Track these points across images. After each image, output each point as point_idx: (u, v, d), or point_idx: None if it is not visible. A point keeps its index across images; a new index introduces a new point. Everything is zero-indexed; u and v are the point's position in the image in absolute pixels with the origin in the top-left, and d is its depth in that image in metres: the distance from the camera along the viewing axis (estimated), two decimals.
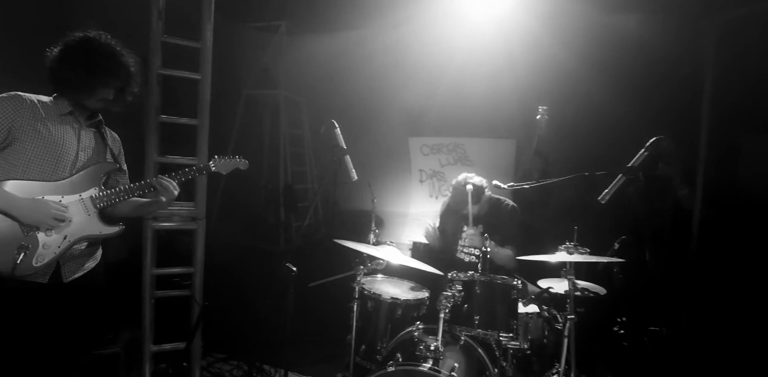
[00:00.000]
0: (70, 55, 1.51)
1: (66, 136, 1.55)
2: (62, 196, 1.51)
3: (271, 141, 5.66)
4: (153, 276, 2.34)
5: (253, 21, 5.37)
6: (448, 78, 4.40)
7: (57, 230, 1.49)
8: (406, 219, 4.64)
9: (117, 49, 1.58)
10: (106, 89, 1.55)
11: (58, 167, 1.52)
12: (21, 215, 1.42)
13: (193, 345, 2.35)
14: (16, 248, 1.40)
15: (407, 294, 2.33)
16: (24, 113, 1.47)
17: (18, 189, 1.43)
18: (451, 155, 4.55)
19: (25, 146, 1.46)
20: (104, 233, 1.61)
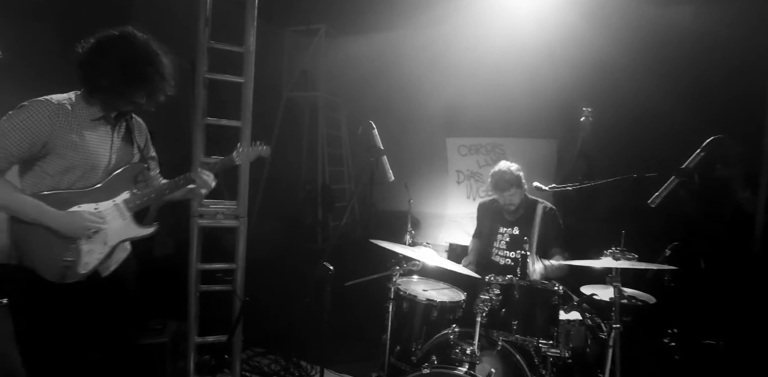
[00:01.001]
0: (107, 60, 1.43)
1: (99, 142, 1.54)
2: (97, 203, 1.52)
3: (309, 142, 5.79)
4: (198, 271, 2.45)
5: (293, 25, 5.50)
6: (486, 76, 4.32)
7: (96, 238, 1.51)
8: (442, 221, 4.59)
9: (153, 54, 1.50)
10: (141, 95, 1.51)
11: (93, 174, 1.52)
12: (60, 228, 1.43)
13: (234, 339, 2.43)
14: (61, 260, 1.43)
15: (443, 296, 2.31)
16: (60, 124, 1.43)
17: (54, 200, 1.43)
18: (489, 156, 4.46)
19: (61, 157, 1.45)
20: (140, 235, 1.64)
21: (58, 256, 1.44)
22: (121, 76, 1.43)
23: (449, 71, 4.59)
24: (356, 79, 5.27)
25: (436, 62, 4.68)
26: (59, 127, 1.43)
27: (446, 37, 4.62)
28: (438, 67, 4.67)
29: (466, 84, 4.48)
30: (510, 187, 2.47)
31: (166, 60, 1.55)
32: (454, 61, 4.57)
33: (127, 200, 1.59)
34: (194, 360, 2.46)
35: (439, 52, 4.68)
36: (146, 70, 1.47)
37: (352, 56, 5.35)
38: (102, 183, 1.54)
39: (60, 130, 1.43)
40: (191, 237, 2.43)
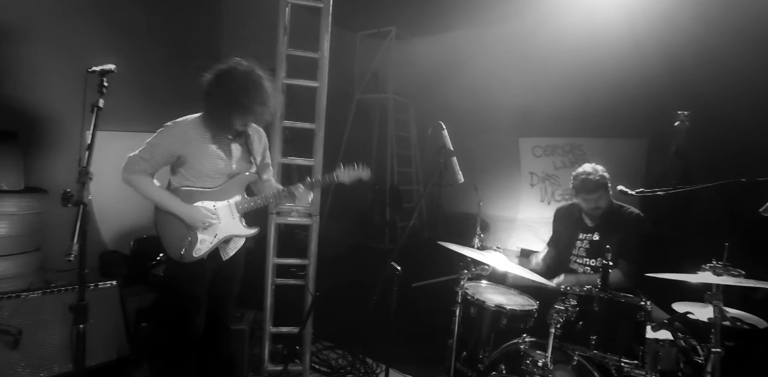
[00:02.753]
0: (221, 93, 1.72)
1: (219, 153, 1.85)
2: (215, 202, 1.86)
3: (378, 143, 5.89)
4: (274, 265, 2.61)
5: (365, 29, 5.64)
6: (562, 72, 4.06)
7: (210, 229, 1.84)
8: (513, 225, 4.41)
9: (257, 85, 1.75)
10: (244, 122, 1.82)
11: (216, 178, 1.87)
12: (184, 218, 1.80)
13: (305, 331, 2.55)
14: (183, 242, 1.80)
15: (513, 303, 2.22)
16: (189, 139, 1.79)
17: (186, 196, 1.82)
18: (567, 157, 4.20)
19: (193, 163, 1.81)
20: (244, 233, 1.96)
21: (181, 239, 1.81)
22: (234, 107, 1.73)
23: (521, 68, 4.39)
24: (425, 79, 5.26)
25: (507, 59, 4.51)
26: (188, 142, 1.79)
27: (518, 32, 4.43)
28: (509, 63, 4.49)
29: (540, 81, 4.25)
30: (596, 189, 2.30)
31: (268, 86, 1.81)
32: (526, 57, 4.36)
33: (238, 202, 1.91)
34: (268, 348, 2.62)
35: (510, 49, 4.50)
36: (254, 100, 1.74)
37: (421, 57, 5.35)
38: (221, 186, 1.87)
39: (188, 144, 1.79)
40: (268, 233, 2.59)
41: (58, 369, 2.13)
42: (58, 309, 2.20)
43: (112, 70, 1.45)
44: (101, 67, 1.43)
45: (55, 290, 2.26)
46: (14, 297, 2.14)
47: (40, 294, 2.21)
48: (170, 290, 1.99)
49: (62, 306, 2.19)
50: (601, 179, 2.31)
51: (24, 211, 3.21)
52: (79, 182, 1.31)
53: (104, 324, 2.31)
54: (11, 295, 2.13)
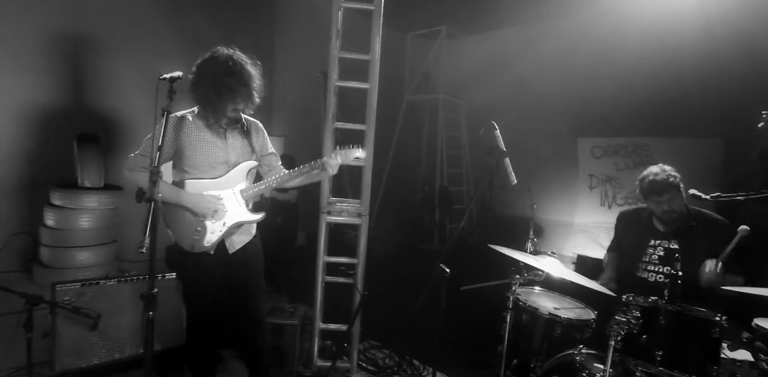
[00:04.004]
0: (201, 78, 1.77)
1: (215, 141, 1.89)
2: (220, 191, 1.90)
3: (428, 143, 5.85)
4: (325, 263, 2.67)
5: (415, 29, 5.63)
6: (622, 66, 3.80)
7: (217, 218, 1.89)
8: (570, 229, 4.20)
9: (239, 66, 1.77)
10: (234, 105, 1.81)
11: (216, 167, 1.90)
12: (191, 207, 1.85)
13: (353, 329, 2.59)
14: (194, 232, 1.87)
15: (569, 312, 2.11)
16: (184, 131, 1.83)
17: (191, 187, 1.87)
18: (630, 158, 3.93)
19: (191, 154, 1.85)
20: (251, 219, 1.98)
21: (191, 230, 1.87)
22: (214, 90, 1.76)
23: (578, 64, 4.17)
24: (476, 78, 5.15)
25: (562, 55, 4.29)
26: (182, 133, 1.83)
27: (573, 26, 4.21)
28: (565, 60, 4.28)
29: (599, 77, 4.01)
30: (666, 190, 2.10)
31: (252, 69, 1.83)
32: (582, 52, 4.13)
33: (242, 189, 1.95)
34: (318, 344, 2.68)
35: (565, 44, 4.28)
36: (233, 82, 1.76)
37: (472, 56, 5.25)
38: (224, 176, 1.92)
39: (184, 135, 1.83)
40: (319, 232, 2.66)
41: (129, 352, 2.32)
42: (131, 297, 2.40)
43: (179, 77, 1.56)
44: (170, 74, 1.54)
45: (129, 279, 2.47)
46: (95, 283, 2.36)
47: (116, 282, 2.42)
48: (181, 281, 2.08)
49: (134, 294, 2.40)
50: (671, 179, 2.12)
51: (103, 206, 3.54)
52: (150, 180, 1.42)
53: (169, 312, 2.49)
54: (92, 282, 2.36)
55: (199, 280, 1.95)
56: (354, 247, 2.68)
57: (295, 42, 4.84)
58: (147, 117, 4.04)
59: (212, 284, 1.97)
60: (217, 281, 1.97)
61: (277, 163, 2.13)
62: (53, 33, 3.61)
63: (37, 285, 3.30)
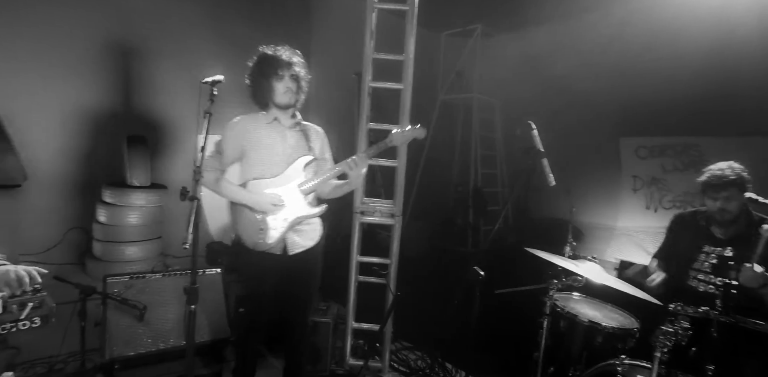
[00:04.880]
0: (250, 72, 1.96)
1: (274, 140, 1.97)
2: (279, 188, 1.95)
3: (462, 143, 5.78)
4: (358, 263, 2.69)
5: (449, 28, 5.57)
6: (669, 61, 3.59)
7: (278, 214, 1.94)
8: (612, 233, 4.01)
9: (278, 50, 1.93)
10: (280, 82, 1.91)
11: (275, 165, 1.97)
12: (254, 206, 1.91)
13: (385, 330, 2.60)
14: (257, 230, 1.92)
15: (610, 320, 2.02)
16: (245, 131, 1.95)
17: (254, 187, 1.94)
18: (678, 159, 3.72)
19: (252, 155, 1.96)
20: (311, 213, 2.02)
21: (255, 228, 1.93)
22: (258, 72, 1.93)
23: (619, 59, 3.97)
24: (512, 77, 5.03)
25: (601, 51, 4.11)
26: (245, 133, 1.96)
27: (613, 20, 4.02)
28: (605, 56, 4.09)
29: (643, 73, 3.80)
30: (725, 187, 1.95)
31: (293, 54, 1.97)
32: (624, 48, 3.93)
33: (300, 184, 1.99)
34: (350, 343, 2.71)
35: (604, 39, 4.10)
36: (271, 61, 1.91)
37: (509, 54, 5.13)
38: (282, 173, 1.98)
39: (246, 135, 1.96)
40: (353, 232, 2.68)
41: (173, 342, 2.43)
42: (174, 290, 2.52)
43: (220, 81, 1.62)
44: (212, 78, 1.61)
45: (173, 273, 2.59)
46: (141, 277, 2.49)
47: (160, 276, 2.54)
48: (240, 278, 2.16)
49: (177, 288, 2.52)
50: (733, 177, 1.93)
51: (150, 204, 3.73)
52: (193, 179, 1.48)
53: (210, 306, 2.59)
54: (139, 275, 2.49)
55: (259, 279, 2.01)
56: (387, 247, 2.69)
57: (329, 44, 4.91)
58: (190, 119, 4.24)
59: (270, 283, 2.02)
60: (275, 281, 2.03)
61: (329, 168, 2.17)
62: (103, 40, 3.84)
63: (90, 276, 3.52)
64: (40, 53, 3.53)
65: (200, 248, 3.62)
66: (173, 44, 4.14)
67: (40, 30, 3.51)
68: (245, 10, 4.44)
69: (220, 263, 3.68)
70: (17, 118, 3.32)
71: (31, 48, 3.48)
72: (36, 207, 3.59)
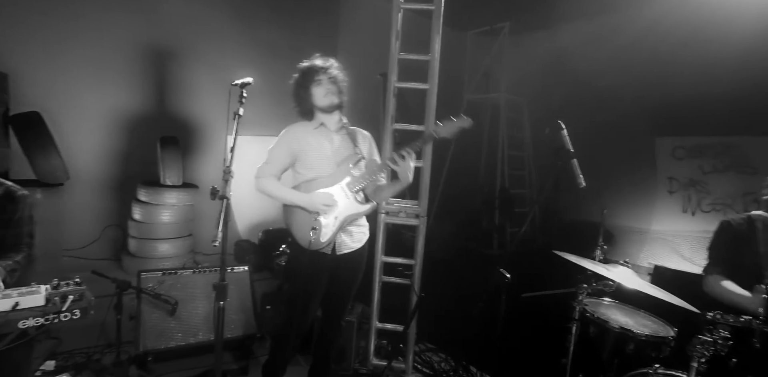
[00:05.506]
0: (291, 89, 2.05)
1: (322, 143, 2.03)
2: (328, 188, 2.01)
3: (489, 144, 5.69)
4: (382, 263, 2.70)
5: (476, 27, 5.50)
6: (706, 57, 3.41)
7: (330, 213, 1.99)
8: (645, 237, 3.86)
9: (312, 60, 2.01)
10: (319, 87, 1.97)
11: (324, 166, 2.02)
12: (306, 206, 1.97)
13: (409, 331, 2.59)
14: (310, 230, 1.97)
15: (643, 327, 1.94)
16: (296, 139, 2.03)
17: (304, 188, 2.01)
18: (719, 160, 3.54)
19: (303, 159, 2.03)
20: (361, 211, 2.05)
21: (307, 227, 1.98)
22: (299, 79, 2.01)
23: (653, 56, 3.81)
24: (541, 76, 4.92)
25: (634, 48, 3.95)
26: (297, 139, 2.04)
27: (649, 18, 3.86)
28: (637, 53, 3.93)
29: (681, 70, 3.63)
30: None
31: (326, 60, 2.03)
32: (658, 44, 3.76)
33: (348, 183, 2.02)
34: (374, 343, 2.71)
35: (637, 36, 3.94)
36: (308, 68, 2.00)
37: (537, 52, 5.02)
38: (331, 173, 2.03)
39: (299, 141, 2.04)
40: (377, 232, 2.68)
41: (201, 337, 2.51)
42: (204, 287, 2.59)
43: (250, 83, 1.66)
44: (242, 80, 1.64)
45: (202, 270, 2.66)
46: (173, 273, 2.57)
47: (191, 272, 2.62)
48: (292, 276, 2.20)
49: (207, 284, 2.59)
50: None
51: (181, 203, 3.86)
52: (223, 179, 1.52)
53: (238, 303, 2.65)
54: (171, 271, 2.58)
55: (310, 277, 2.04)
56: (411, 248, 2.68)
57: (355, 45, 4.95)
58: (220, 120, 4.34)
59: (320, 283, 2.07)
60: (322, 284, 2.07)
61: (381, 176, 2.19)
62: (140, 45, 4.01)
63: (125, 272, 3.67)
64: (83, 58, 3.72)
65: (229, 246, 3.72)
66: (205, 48, 4.27)
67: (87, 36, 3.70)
68: (273, 13, 4.53)
69: (247, 261, 3.77)
70: (60, 120, 3.50)
71: (76, 53, 3.67)
72: (76, 205, 3.78)
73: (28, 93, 3.43)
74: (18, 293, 1.47)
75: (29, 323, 1.43)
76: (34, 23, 3.50)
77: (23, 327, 1.43)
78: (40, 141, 3.14)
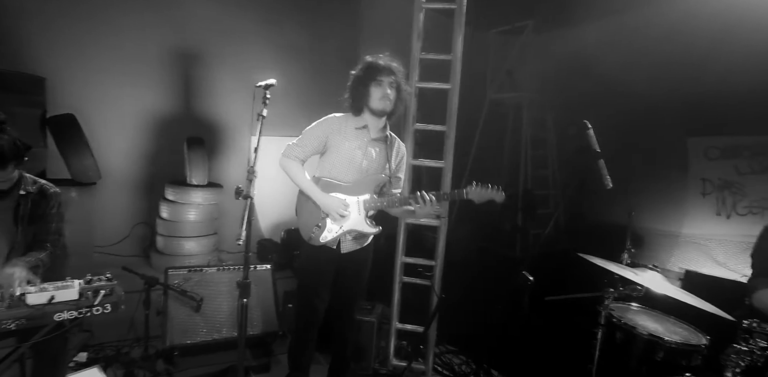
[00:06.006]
0: (351, 80, 2.00)
1: (356, 147, 1.99)
2: (347, 196, 1.99)
3: (511, 143, 5.60)
4: (402, 264, 2.69)
5: (498, 26, 5.42)
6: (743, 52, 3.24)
7: (338, 220, 1.98)
8: (676, 240, 3.71)
9: (380, 58, 1.97)
10: (378, 87, 1.93)
11: (349, 172, 2.00)
12: (320, 205, 1.97)
13: (430, 332, 2.57)
14: (314, 226, 1.98)
15: (673, 334, 1.87)
16: (333, 130, 1.98)
17: (324, 186, 1.99)
18: (756, 160, 3.39)
19: (331, 154, 1.99)
20: (366, 231, 2.04)
21: (312, 222, 2.00)
22: (361, 76, 1.96)
23: (686, 54, 3.65)
24: (566, 74, 4.80)
25: (666, 45, 3.80)
26: (333, 132, 2.00)
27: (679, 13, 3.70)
28: (670, 50, 3.78)
29: (714, 67, 3.47)
30: None
31: (393, 62, 1.99)
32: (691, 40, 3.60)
33: (366, 200, 2.01)
34: (394, 343, 2.71)
35: (666, 32, 3.78)
36: (374, 66, 1.95)
37: (562, 50, 4.90)
38: (354, 182, 2.01)
39: (334, 134, 2.00)
40: (398, 232, 2.68)
41: (225, 334, 2.56)
42: (228, 284, 2.65)
43: (273, 84, 1.68)
44: (265, 82, 1.67)
45: (227, 268, 2.72)
46: (198, 270, 2.64)
47: (215, 270, 2.68)
48: (298, 269, 2.22)
49: (231, 282, 2.64)
50: None
51: (207, 202, 3.95)
52: (247, 179, 1.55)
53: (260, 301, 2.70)
54: (197, 269, 2.64)
55: (314, 272, 2.08)
56: (432, 249, 2.67)
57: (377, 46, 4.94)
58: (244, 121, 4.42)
59: (324, 278, 2.09)
60: (329, 277, 2.09)
61: (397, 190, 2.17)
62: (167, 47, 4.12)
63: (153, 268, 3.78)
64: (114, 62, 3.86)
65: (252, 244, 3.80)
66: (229, 50, 4.36)
67: (117, 41, 3.84)
68: (296, 15, 4.58)
69: (270, 259, 3.83)
70: (93, 122, 3.64)
71: (108, 57, 3.81)
72: (108, 203, 3.92)
73: (64, 96, 3.58)
74: (54, 287, 1.54)
75: (64, 316, 1.49)
76: (69, 30, 3.66)
77: (58, 319, 1.49)
78: (74, 142, 3.27)
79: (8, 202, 1.73)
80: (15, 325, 1.42)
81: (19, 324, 1.43)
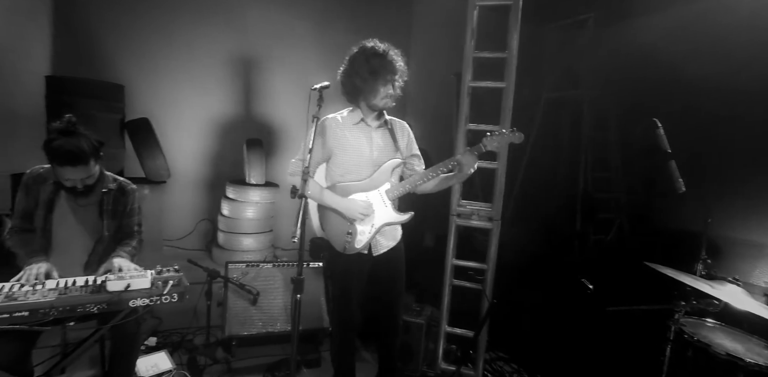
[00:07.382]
0: (355, 65, 1.84)
1: (361, 143, 1.92)
2: (366, 193, 1.92)
3: (569, 144, 5.32)
4: (453, 266, 2.65)
5: (555, 21, 5.18)
6: None
7: (366, 220, 1.92)
8: (762, 252, 3.32)
9: (388, 50, 1.84)
10: (386, 86, 1.83)
11: (361, 168, 1.93)
12: (342, 212, 1.89)
13: (480, 337, 2.51)
14: (345, 235, 1.91)
15: (756, 355, 1.68)
16: (331, 132, 1.90)
17: (342, 191, 1.92)
18: None
19: (339, 157, 1.92)
20: (398, 220, 1.97)
21: (343, 232, 1.92)
22: (368, 70, 1.81)
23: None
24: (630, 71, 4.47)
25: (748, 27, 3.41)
26: (332, 135, 1.91)
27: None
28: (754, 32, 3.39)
29: None
30: None
31: (398, 55, 1.87)
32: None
33: (388, 190, 1.95)
34: (443, 347, 2.68)
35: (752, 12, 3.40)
36: (385, 62, 1.81)
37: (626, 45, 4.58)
38: (370, 177, 1.93)
39: (333, 137, 1.92)
40: (449, 234, 2.65)
41: (279, 327, 2.66)
42: (282, 280, 2.75)
43: (327, 87, 1.72)
44: (320, 84, 1.71)
45: (282, 264, 2.83)
46: (255, 265, 2.77)
47: (271, 266, 2.80)
48: (331, 280, 2.16)
49: (285, 278, 2.75)
50: None
51: (264, 200, 4.14)
52: (302, 179, 1.60)
53: (312, 297, 2.78)
54: (254, 264, 2.77)
55: (348, 280, 2.03)
56: (483, 252, 2.60)
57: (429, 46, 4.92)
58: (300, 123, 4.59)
59: (359, 283, 2.04)
60: (363, 281, 2.05)
61: (420, 167, 2.11)
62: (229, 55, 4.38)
63: (215, 262, 4.03)
64: (183, 70, 4.17)
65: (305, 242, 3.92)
66: (285, 55, 4.54)
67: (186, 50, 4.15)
68: (347, 19, 4.68)
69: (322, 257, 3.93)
70: (164, 125, 3.95)
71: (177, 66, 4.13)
72: (176, 200, 4.24)
73: (140, 102, 3.92)
74: (130, 276, 1.69)
75: (138, 303, 1.63)
76: (143, 41, 4.00)
77: (133, 305, 1.63)
78: (148, 144, 3.57)
79: (93, 198, 1.92)
80: (97, 309, 1.57)
81: (100, 307, 1.58)
